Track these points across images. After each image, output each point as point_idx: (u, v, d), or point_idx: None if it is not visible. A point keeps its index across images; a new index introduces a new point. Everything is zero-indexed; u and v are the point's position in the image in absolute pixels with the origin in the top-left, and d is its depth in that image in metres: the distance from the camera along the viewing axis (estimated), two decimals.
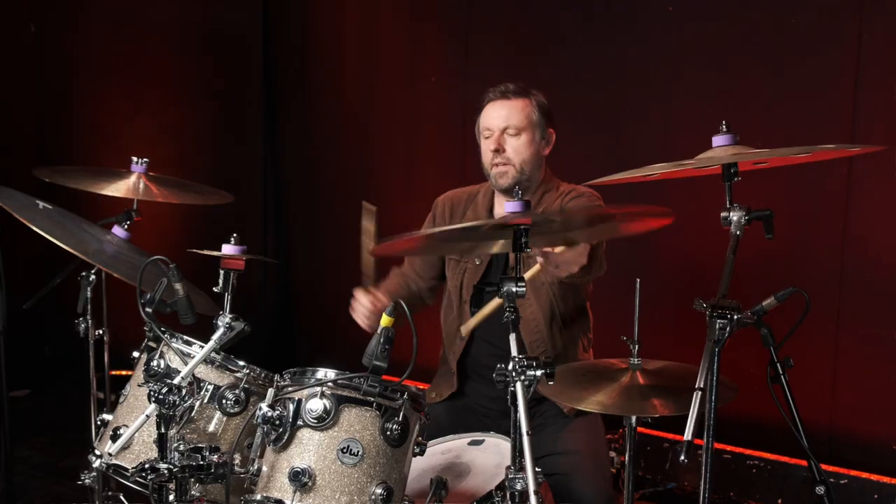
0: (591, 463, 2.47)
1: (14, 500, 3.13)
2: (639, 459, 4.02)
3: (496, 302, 2.40)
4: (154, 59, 5.20)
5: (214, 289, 1.99)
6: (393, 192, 4.89)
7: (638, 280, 2.06)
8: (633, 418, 2.04)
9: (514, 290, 1.68)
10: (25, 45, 5.02)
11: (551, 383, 1.62)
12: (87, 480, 2.40)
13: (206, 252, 1.98)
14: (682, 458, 1.49)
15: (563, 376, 2.06)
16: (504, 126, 2.56)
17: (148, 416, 1.81)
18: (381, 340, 1.85)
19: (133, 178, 2.76)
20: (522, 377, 1.58)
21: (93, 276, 2.46)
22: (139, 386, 1.98)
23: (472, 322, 2.44)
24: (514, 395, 1.58)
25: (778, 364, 1.95)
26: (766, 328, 1.95)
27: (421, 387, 2.90)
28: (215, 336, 1.95)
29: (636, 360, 2.07)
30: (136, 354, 2.20)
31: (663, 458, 3.92)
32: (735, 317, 1.59)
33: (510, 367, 1.59)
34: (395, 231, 2.83)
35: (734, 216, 1.75)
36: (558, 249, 2.16)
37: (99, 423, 2.22)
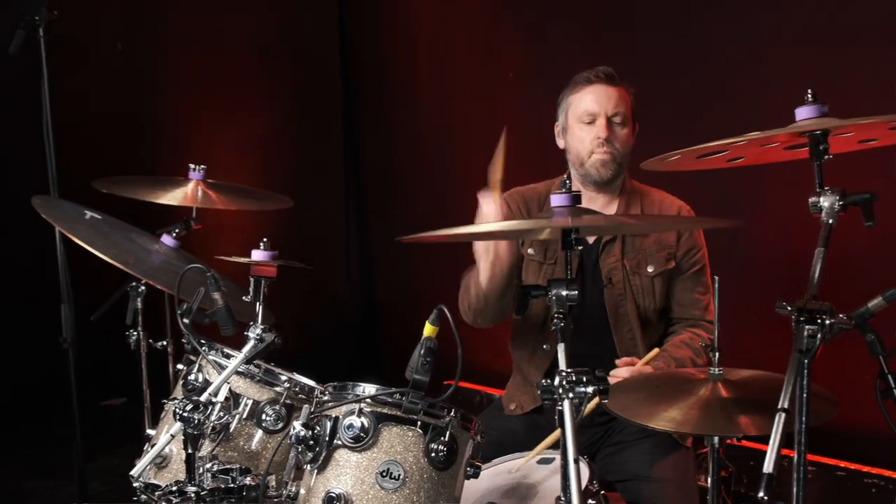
0: (679, 494, 2.24)
1: None
2: (741, 476, 3.70)
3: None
4: (236, 71, 5.24)
5: (244, 298, 1.86)
6: (472, 191, 4.74)
7: (717, 277, 1.80)
8: (716, 438, 1.78)
9: (563, 294, 1.46)
10: (113, 64, 5.12)
11: (605, 401, 1.40)
12: (142, 497, 2.32)
13: (234, 259, 1.85)
14: (762, 494, 1.24)
15: (633, 389, 1.83)
16: (613, 113, 2.38)
17: (172, 436, 1.69)
18: (422, 352, 1.67)
19: (191, 185, 2.69)
20: (571, 394, 1.36)
21: (142, 287, 2.38)
22: (163, 402, 1.88)
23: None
24: (561, 414, 1.36)
25: (889, 376, 1.65)
26: (872, 334, 1.66)
27: (496, 393, 2.72)
28: (245, 349, 1.82)
29: (717, 369, 1.80)
30: (180, 367, 2.10)
31: None
32: (827, 321, 1.32)
33: (556, 382, 1.38)
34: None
35: (825, 202, 1.48)
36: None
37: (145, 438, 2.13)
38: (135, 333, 2.42)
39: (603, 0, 4.17)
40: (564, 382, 1.37)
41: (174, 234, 2.40)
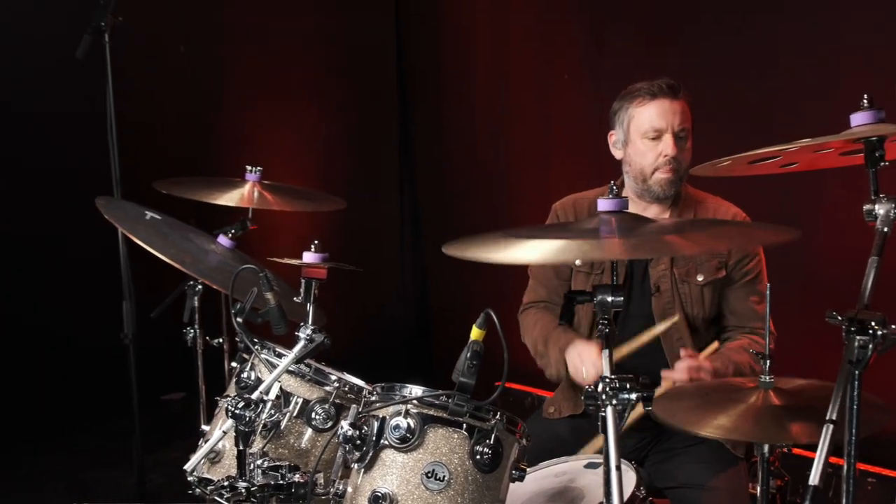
0: (730, 502, 2.21)
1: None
2: (797, 485, 3.62)
3: (660, 328, 2.25)
4: (292, 72, 5.31)
5: (295, 298, 1.90)
6: (527, 195, 4.74)
7: (769, 284, 1.77)
8: (766, 447, 1.76)
9: (609, 300, 1.46)
10: (177, 66, 5.25)
11: (649, 408, 1.39)
12: (196, 491, 2.38)
13: (285, 261, 1.90)
14: None
15: (681, 396, 1.81)
16: (679, 129, 2.34)
17: (224, 432, 1.74)
18: (469, 355, 1.68)
19: (247, 186, 2.74)
20: (614, 401, 1.36)
21: (199, 286, 2.44)
22: (215, 399, 1.92)
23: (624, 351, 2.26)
24: (604, 421, 1.36)
25: None
26: None
27: (548, 395, 2.72)
28: (295, 349, 1.86)
29: (767, 377, 1.77)
30: (234, 365, 2.16)
31: (825, 483, 3.49)
32: (879, 332, 1.30)
33: (600, 388, 1.38)
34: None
35: (880, 209, 1.45)
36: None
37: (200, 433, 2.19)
38: (191, 331, 2.48)
39: (660, 2, 4.12)
40: (608, 388, 1.37)
41: (230, 235, 2.45)
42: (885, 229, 1.44)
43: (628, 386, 1.37)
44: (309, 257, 1.90)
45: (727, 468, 2.30)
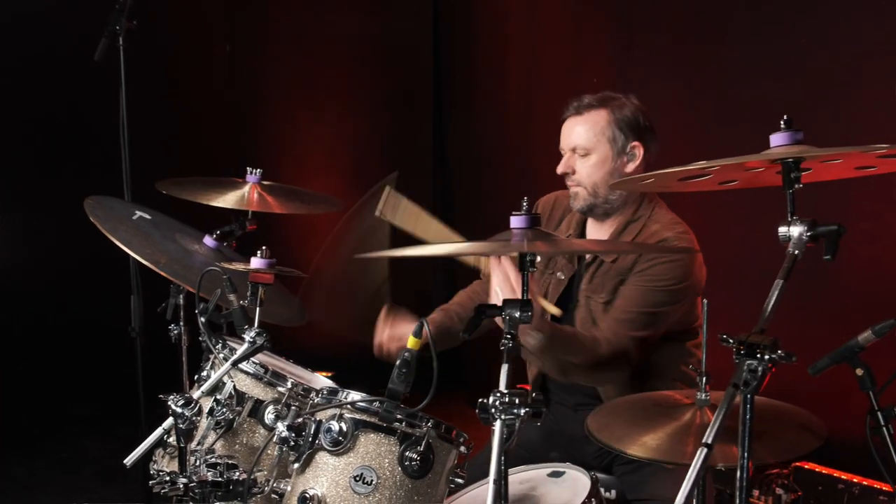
0: None
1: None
2: (809, 499, 3.52)
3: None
4: (331, 71, 5.42)
5: (242, 302, 1.96)
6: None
7: (705, 301, 1.75)
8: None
9: (516, 315, 1.47)
10: (222, 64, 5.41)
11: (538, 424, 1.40)
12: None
13: (233, 266, 1.96)
14: None
15: (612, 410, 1.81)
16: (573, 146, 2.38)
17: (165, 430, 1.81)
18: (398, 363, 1.72)
19: (247, 188, 2.79)
20: (503, 416, 1.38)
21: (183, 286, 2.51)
22: (159, 397, 1.99)
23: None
24: (492, 434, 1.38)
25: (879, 413, 1.58)
26: (863, 368, 1.59)
27: None
28: (239, 351, 1.92)
29: (704, 395, 1.75)
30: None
31: (838, 499, 3.39)
32: (767, 356, 1.28)
33: (490, 401, 1.40)
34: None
35: (794, 231, 1.42)
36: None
37: None
38: (176, 328, 2.55)
39: (689, 6, 4.05)
40: (498, 403, 1.39)
41: (214, 236, 2.52)
42: (796, 252, 1.41)
43: (517, 401, 1.39)
44: (256, 263, 1.96)
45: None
